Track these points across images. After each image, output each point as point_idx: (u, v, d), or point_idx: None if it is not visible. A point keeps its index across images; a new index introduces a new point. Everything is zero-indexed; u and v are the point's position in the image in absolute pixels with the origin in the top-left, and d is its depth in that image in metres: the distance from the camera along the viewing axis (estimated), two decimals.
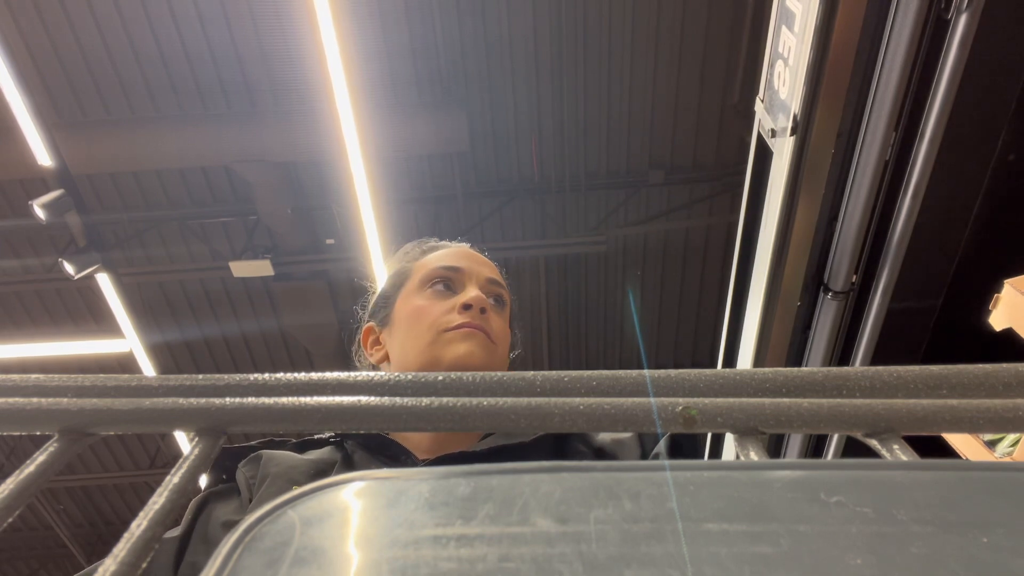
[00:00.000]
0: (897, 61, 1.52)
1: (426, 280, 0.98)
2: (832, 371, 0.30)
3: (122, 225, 5.08)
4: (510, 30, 4.45)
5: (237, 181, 4.88)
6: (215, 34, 4.36)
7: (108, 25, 4.31)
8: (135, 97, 4.62)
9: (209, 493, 0.84)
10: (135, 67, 4.48)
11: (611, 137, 4.90)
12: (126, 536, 0.24)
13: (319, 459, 0.85)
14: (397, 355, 0.95)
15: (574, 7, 4.39)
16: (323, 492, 0.22)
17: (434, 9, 4.34)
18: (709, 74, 4.58)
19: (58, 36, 4.35)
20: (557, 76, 4.63)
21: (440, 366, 0.91)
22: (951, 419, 0.27)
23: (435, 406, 0.29)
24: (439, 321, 0.93)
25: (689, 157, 5.01)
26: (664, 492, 0.21)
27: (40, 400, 0.30)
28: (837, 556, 0.19)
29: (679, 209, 5.19)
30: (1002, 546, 0.19)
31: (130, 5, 4.26)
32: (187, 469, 0.28)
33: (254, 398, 0.30)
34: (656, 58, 4.54)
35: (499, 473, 0.23)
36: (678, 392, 0.30)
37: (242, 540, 0.20)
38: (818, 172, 1.72)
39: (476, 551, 0.19)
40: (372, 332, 1.01)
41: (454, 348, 0.91)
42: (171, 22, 4.32)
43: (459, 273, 0.99)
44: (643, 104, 4.76)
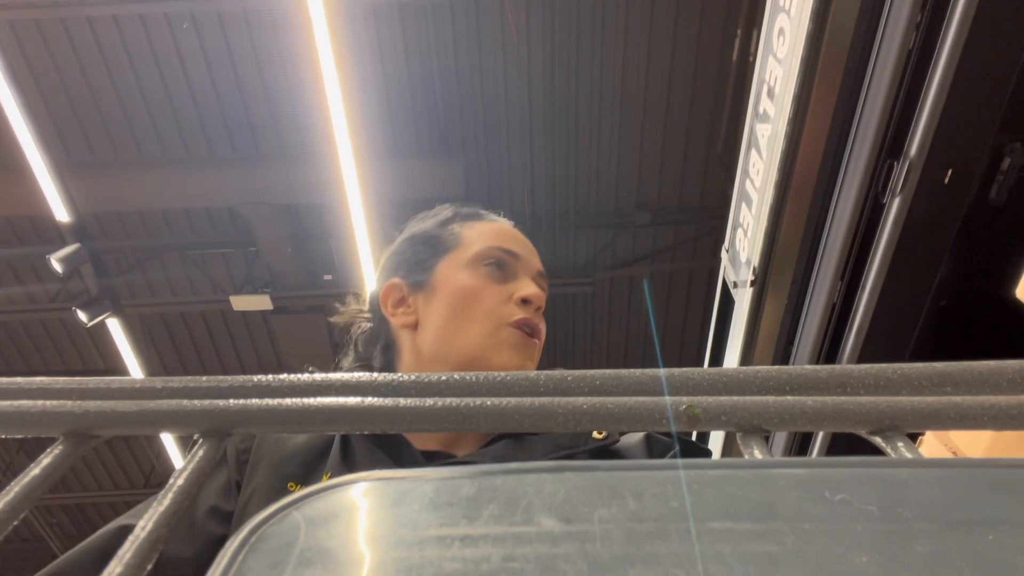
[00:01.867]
0: (839, 238, 1.84)
1: (480, 257, 0.91)
2: (836, 369, 0.30)
3: (124, 254, 5.27)
4: (506, 81, 4.67)
5: (238, 218, 5.09)
6: (221, 78, 4.57)
7: (117, 67, 4.51)
8: (143, 138, 4.83)
9: None
10: (143, 109, 4.69)
11: (600, 179, 5.14)
12: (131, 539, 0.24)
13: (312, 445, 0.81)
14: (435, 330, 0.88)
15: (567, 58, 4.60)
16: (327, 493, 0.22)
17: (433, 60, 4.53)
18: (694, 128, 4.84)
19: (68, 77, 4.53)
20: (550, 123, 4.86)
21: (490, 363, 0.86)
22: (955, 416, 0.27)
23: (439, 407, 0.29)
24: (498, 312, 0.87)
25: (675, 199, 5.24)
26: (668, 491, 0.21)
27: (44, 403, 0.30)
28: (842, 554, 0.19)
29: (665, 250, 5.45)
30: (1007, 543, 0.19)
31: (139, 51, 4.47)
32: (191, 471, 0.28)
33: (258, 399, 0.30)
34: (645, 110, 4.78)
35: (503, 473, 0.23)
36: (681, 391, 0.30)
37: (247, 541, 0.20)
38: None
39: (480, 551, 0.19)
40: (399, 290, 0.92)
41: (508, 355, 0.87)
42: (179, 67, 4.52)
43: (515, 259, 0.93)
44: (631, 150, 4.99)
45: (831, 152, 1.82)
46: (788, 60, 1.78)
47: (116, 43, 4.42)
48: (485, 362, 0.86)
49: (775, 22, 1.90)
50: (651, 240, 5.39)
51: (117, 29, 4.38)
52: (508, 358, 0.86)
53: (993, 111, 1.53)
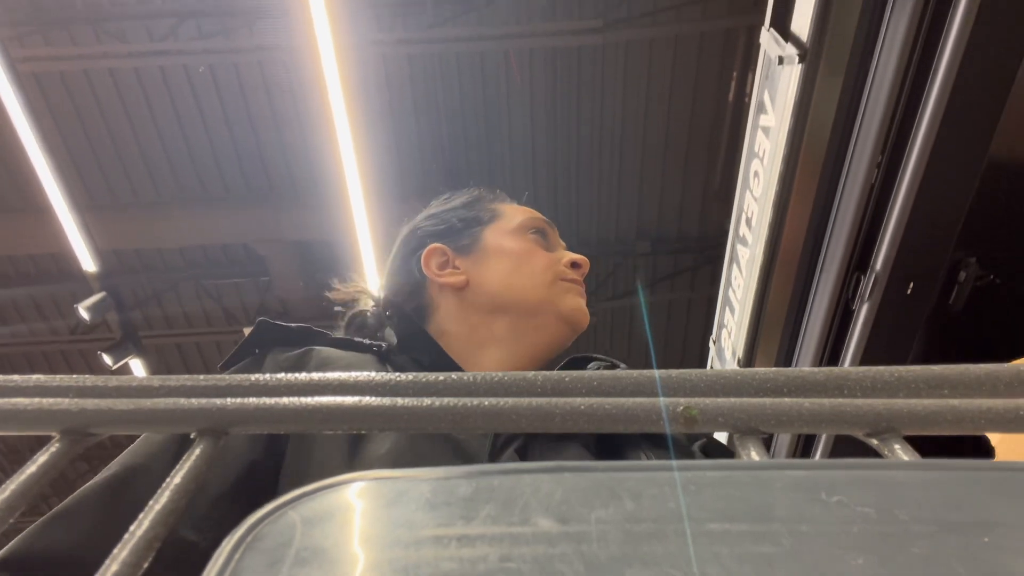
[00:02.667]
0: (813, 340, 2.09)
1: (525, 226, 0.97)
2: (833, 371, 0.30)
3: (142, 286, 5.53)
4: (510, 124, 4.87)
5: (252, 253, 5.34)
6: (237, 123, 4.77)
7: (136, 114, 4.76)
8: (160, 180, 5.07)
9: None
10: (161, 153, 4.93)
11: (601, 210, 5.33)
12: (126, 537, 0.24)
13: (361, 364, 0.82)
14: (495, 284, 0.92)
15: (568, 100, 4.79)
16: (324, 492, 0.22)
17: (440, 106, 4.74)
18: (692, 165, 5.03)
19: (89, 123, 4.78)
20: (551, 156, 5.05)
21: (555, 308, 0.91)
22: (952, 419, 0.27)
23: (436, 406, 0.29)
24: (555, 268, 0.93)
25: (674, 229, 5.41)
26: (665, 492, 0.21)
27: (42, 400, 0.30)
28: (839, 556, 0.19)
29: (664, 279, 5.62)
30: (1003, 546, 0.19)
31: (159, 99, 4.70)
32: (188, 470, 0.27)
33: (255, 398, 0.30)
34: (644, 146, 4.96)
35: (500, 473, 0.23)
36: (679, 392, 0.30)
37: (243, 540, 0.20)
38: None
39: (477, 551, 0.19)
40: (443, 254, 0.96)
41: (574, 299, 0.92)
42: (197, 113, 4.76)
43: (552, 230, 1.00)
44: (631, 184, 5.17)
45: (804, 267, 2.10)
46: (763, 199, 2.09)
47: (136, 92, 4.67)
48: (552, 307, 0.90)
49: (751, 166, 2.25)
50: (651, 270, 5.57)
51: (137, 79, 4.63)
52: (572, 301, 0.92)
53: (950, 230, 1.75)
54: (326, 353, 0.80)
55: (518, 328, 0.91)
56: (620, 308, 5.70)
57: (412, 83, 4.68)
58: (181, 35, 4.47)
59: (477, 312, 0.91)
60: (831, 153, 1.91)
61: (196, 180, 5.02)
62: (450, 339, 0.90)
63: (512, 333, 0.90)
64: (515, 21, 4.47)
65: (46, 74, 4.53)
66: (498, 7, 4.40)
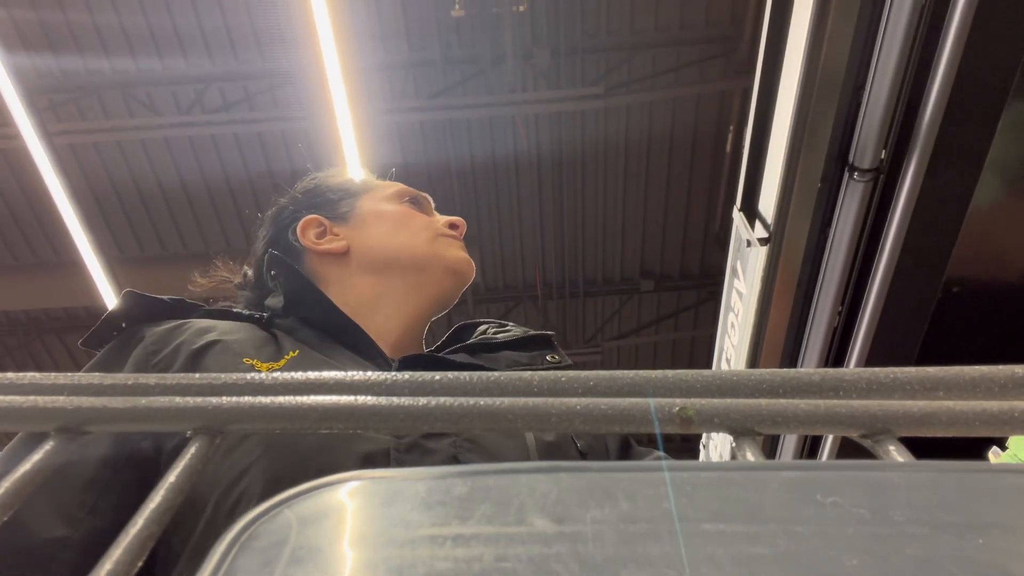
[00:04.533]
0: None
1: (400, 195, 0.99)
2: (828, 372, 0.30)
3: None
4: (516, 157, 5.11)
5: None
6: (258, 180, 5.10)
7: (166, 177, 5.07)
8: (188, 235, 5.41)
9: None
10: (188, 210, 5.24)
11: (606, 249, 5.61)
12: (121, 536, 0.24)
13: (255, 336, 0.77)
14: (376, 246, 0.93)
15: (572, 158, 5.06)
16: (319, 491, 0.22)
17: (447, 134, 4.96)
18: (693, 208, 5.32)
19: (121, 185, 5.11)
20: (558, 195, 5.30)
21: (441, 262, 0.92)
22: (947, 420, 0.27)
23: (432, 406, 0.29)
24: (434, 227, 0.95)
25: (676, 267, 5.67)
26: (661, 492, 0.21)
27: (36, 398, 0.30)
28: (833, 557, 0.19)
29: (668, 318, 5.89)
30: (998, 547, 0.19)
31: (187, 165, 5.01)
32: (183, 469, 0.27)
33: (251, 397, 0.30)
34: (647, 190, 5.24)
35: (496, 473, 0.23)
36: (675, 392, 0.30)
37: (238, 539, 0.20)
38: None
39: (473, 551, 0.19)
40: (319, 224, 0.95)
41: (457, 251, 0.94)
42: (222, 176, 5.08)
43: (426, 203, 1.02)
44: (634, 225, 5.47)
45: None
46: (739, 347, 2.38)
47: (166, 158, 4.98)
48: (438, 259, 0.92)
49: (727, 321, 2.58)
50: (655, 307, 5.80)
51: (167, 148, 4.93)
52: (456, 253, 0.94)
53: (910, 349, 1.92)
54: (202, 323, 0.76)
55: (406, 284, 0.91)
56: (625, 347, 5.98)
57: (425, 146, 4.97)
58: (207, 104, 4.77)
59: (362, 275, 0.91)
60: (791, 328, 2.24)
61: (220, 233, 5.40)
62: (340, 305, 0.87)
63: (400, 290, 0.90)
64: (521, 88, 4.76)
65: (81, 145, 4.86)
66: (503, 72, 4.66)
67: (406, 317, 0.90)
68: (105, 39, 4.52)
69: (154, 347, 0.73)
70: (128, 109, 4.79)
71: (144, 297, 0.78)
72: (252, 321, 0.81)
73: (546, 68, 4.63)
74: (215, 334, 0.74)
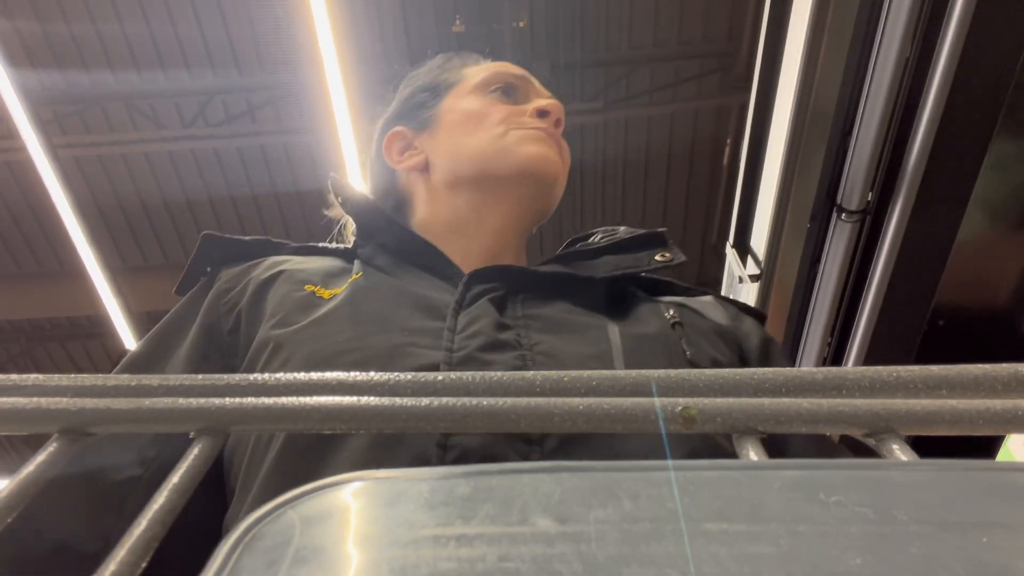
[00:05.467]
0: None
1: (487, 83, 0.84)
2: (831, 371, 0.30)
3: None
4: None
5: None
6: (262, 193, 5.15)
7: (169, 189, 5.10)
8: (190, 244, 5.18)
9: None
10: (191, 220, 5.28)
11: None
12: (124, 537, 0.24)
13: (332, 265, 0.74)
14: (446, 158, 0.81)
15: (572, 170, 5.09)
16: (323, 492, 0.22)
17: None
18: (691, 220, 5.37)
19: (124, 196, 5.11)
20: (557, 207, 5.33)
21: (508, 162, 0.77)
22: (951, 419, 0.27)
23: (435, 406, 0.29)
24: (510, 120, 0.80)
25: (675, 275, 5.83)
26: (663, 492, 0.21)
27: (39, 400, 0.30)
28: (836, 556, 0.19)
29: None
30: (1002, 546, 0.19)
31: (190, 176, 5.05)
32: (187, 469, 0.28)
33: (254, 398, 0.30)
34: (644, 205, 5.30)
35: (499, 473, 0.23)
36: (677, 392, 0.30)
37: (242, 540, 0.20)
38: None
39: (476, 551, 0.19)
40: (402, 137, 0.86)
41: (528, 146, 0.78)
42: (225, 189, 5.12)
43: (525, 83, 0.86)
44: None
45: None
46: None
47: (169, 171, 5.01)
48: (507, 160, 0.77)
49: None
50: None
51: (171, 161, 4.98)
52: (527, 149, 0.78)
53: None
54: (278, 259, 0.74)
55: (481, 197, 0.79)
56: None
57: None
58: (210, 117, 4.79)
59: (442, 191, 0.82)
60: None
61: None
62: (428, 228, 0.81)
63: (477, 205, 0.80)
64: None
65: (85, 158, 4.87)
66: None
67: (490, 234, 0.80)
68: (109, 50, 4.57)
69: (226, 286, 0.73)
70: (132, 121, 4.84)
71: (222, 239, 0.77)
72: (337, 254, 0.78)
73: (546, 82, 4.63)
74: (285, 266, 0.73)
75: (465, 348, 0.58)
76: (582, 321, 0.67)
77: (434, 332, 0.61)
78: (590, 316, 0.68)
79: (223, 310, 0.72)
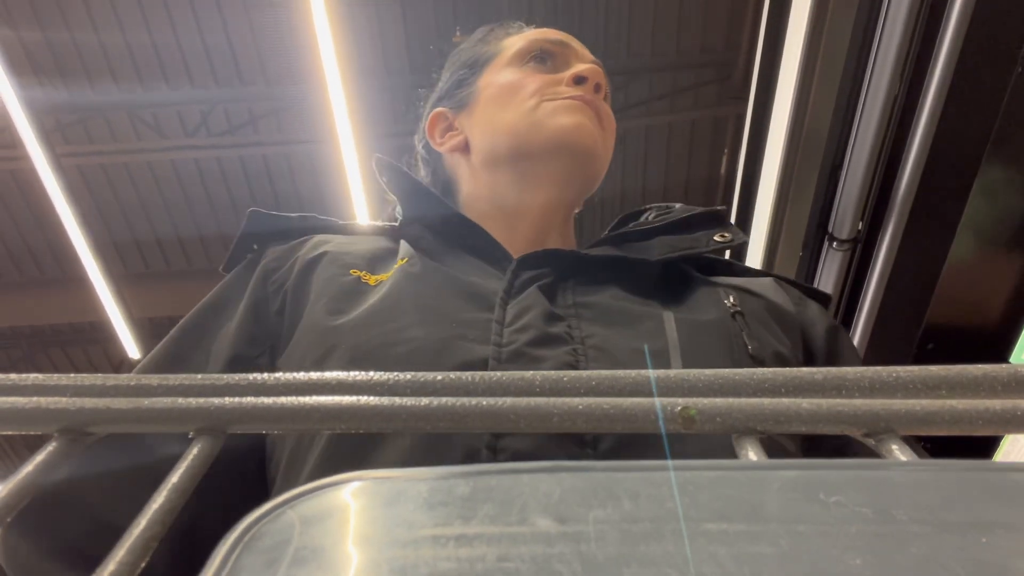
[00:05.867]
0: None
1: (523, 53, 0.81)
2: (831, 371, 0.30)
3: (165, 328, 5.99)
4: None
5: None
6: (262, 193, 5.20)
7: (171, 197, 5.16)
8: (192, 252, 5.53)
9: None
10: (193, 228, 5.35)
11: None
12: (124, 537, 0.24)
13: (378, 247, 0.72)
14: (482, 136, 0.79)
15: None
16: (322, 491, 0.22)
17: None
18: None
19: (127, 203, 5.17)
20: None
21: (540, 137, 0.74)
22: (950, 419, 0.27)
23: (434, 406, 0.29)
24: (544, 92, 0.76)
25: None
26: (663, 492, 0.21)
27: (38, 399, 0.30)
28: (836, 556, 0.19)
29: None
30: (1002, 546, 0.19)
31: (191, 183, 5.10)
32: (186, 469, 0.27)
33: (253, 398, 0.30)
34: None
35: (498, 473, 0.23)
36: (677, 392, 0.30)
37: (241, 539, 0.20)
38: None
39: (475, 551, 0.19)
40: (444, 118, 0.85)
41: (560, 118, 0.74)
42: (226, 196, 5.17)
43: (564, 49, 0.82)
44: None
45: None
46: None
47: (172, 179, 5.07)
48: (536, 135, 0.74)
49: None
50: None
51: (174, 170, 5.03)
52: (558, 119, 0.74)
53: None
54: (323, 238, 0.73)
55: (518, 174, 0.76)
56: None
57: None
58: (212, 127, 4.84)
59: (483, 171, 0.79)
60: None
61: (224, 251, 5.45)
62: (472, 209, 0.79)
63: (516, 182, 0.77)
64: None
65: (88, 166, 4.94)
66: None
67: (534, 214, 0.77)
68: (111, 59, 4.60)
69: (273, 264, 0.72)
70: (135, 130, 4.87)
71: (268, 216, 0.76)
72: (382, 233, 0.77)
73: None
74: (330, 246, 0.71)
75: (514, 343, 0.56)
76: (636, 310, 0.64)
77: (482, 324, 0.59)
78: (644, 304, 0.65)
79: (271, 290, 0.71)
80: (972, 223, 1.59)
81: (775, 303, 0.71)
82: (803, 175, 1.88)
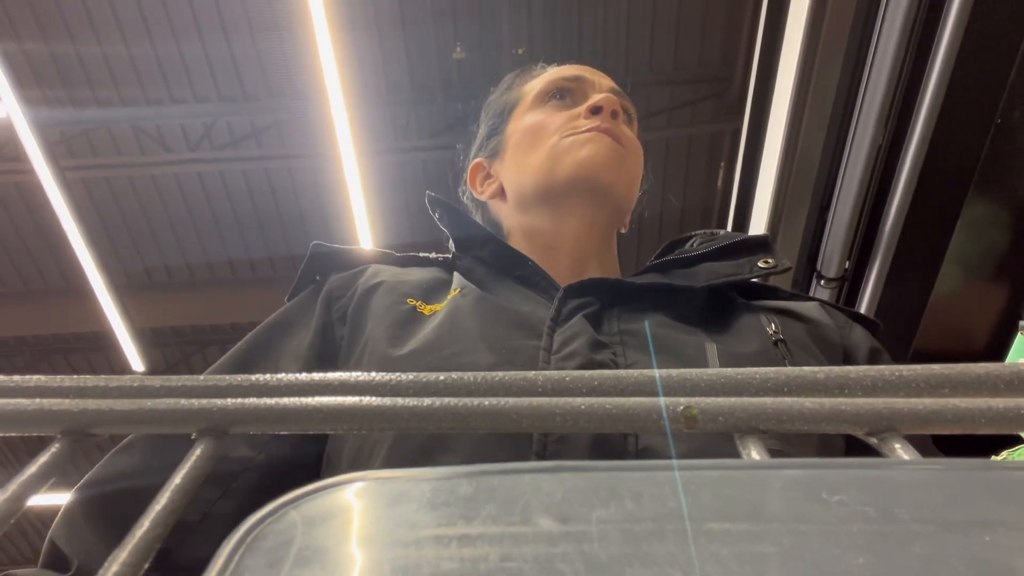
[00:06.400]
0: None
1: (543, 95, 0.85)
2: (833, 370, 0.30)
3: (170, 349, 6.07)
4: None
5: None
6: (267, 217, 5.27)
7: (174, 209, 5.23)
8: (195, 264, 5.57)
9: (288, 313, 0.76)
10: (195, 240, 5.38)
11: None
12: (127, 538, 0.24)
13: (432, 277, 0.75)
14: (513, 179, 0.83)
15: None
16: (324, 492, 0.22)
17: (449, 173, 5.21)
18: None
19: (130, 216, 5.20)
20: None
21: (561, 173, 0.77)
22: (953, 418, 0.27)
23: (436, 406, 0.29)
24: (563, 128, 0.79)
25: None
26: (666, 491, 0.21)
27: (41, 401, 0.30)
28: (839, 555, 0.19)
29: None
30: (1004, 545, 0.19)
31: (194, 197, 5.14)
32: (189, 471, 0.28)
33: (256, 399, 0.30)
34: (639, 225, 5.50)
35: (500, 473, 0.23)
36: (679, 392, 0.30)
37: (244, 540, 0.20)
38: None
39: (478, 551, 0.19)
40: (481, 167, 0.89)
41: (577, 152, 0.76)
42: (229, 207, 5.21)
43: (581, 83, 0.86)
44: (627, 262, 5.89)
45: None
46: None
47: (175, 192, 5.10)
48: (553, 177, 0.77)
49: None
50: None
51: (177, 182, 5.07)
52: (573, 155, 0.76)
53: None
54: (379, 268, 0.76)
55: (549, 212, 0.79)
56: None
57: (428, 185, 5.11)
58: (215, 139, 4.88)
59: (519, 213, 0.83)
60: None
61: (227, 263, 5.57)
62: (516, 246, 0.81)
63: (550, 221, 0.79)
64: None
65: (92, 180, 4.97)
66: None
67: (571, 247, 0.79)
68: (115, 73, 4.63)
69: (337, 293, 0.75)
70: (138, 143, 4.90)
71: (331, 249, 0.80)
72: (436, 264, 0.79)
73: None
74: (386, 275, 0.74)
75: (562, 349, 0.59)
76: (680, 338, 0.65)
77: (530, 351, 0.61)
78: (688, 332, 0.66)
79: (335, 316, 0.74)
80: (955, 261, 1.65)
81: (819, 327, 0.72)
82: (792, 215, 1.97)
